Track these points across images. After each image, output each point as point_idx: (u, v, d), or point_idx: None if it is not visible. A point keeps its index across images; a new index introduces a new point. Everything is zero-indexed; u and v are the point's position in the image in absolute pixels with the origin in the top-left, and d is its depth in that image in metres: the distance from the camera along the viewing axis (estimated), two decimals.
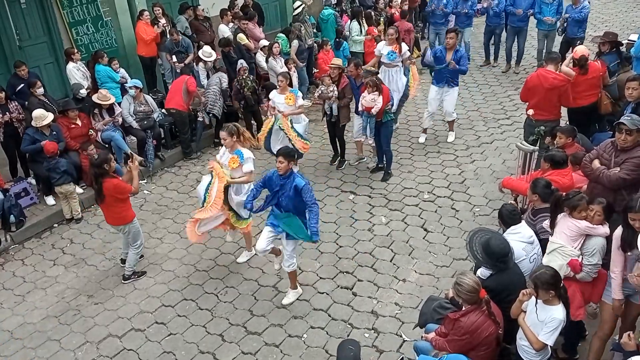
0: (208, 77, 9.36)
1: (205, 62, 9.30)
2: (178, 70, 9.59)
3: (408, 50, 8.82)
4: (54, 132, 7.40)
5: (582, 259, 4.32)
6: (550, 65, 6.85)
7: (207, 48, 9.32)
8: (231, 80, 9.26)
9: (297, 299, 5.74)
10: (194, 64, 9.62)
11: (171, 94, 8.87)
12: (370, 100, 7.33)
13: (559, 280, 3.78)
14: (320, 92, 7.94)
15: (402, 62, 8.59)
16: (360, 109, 7.61)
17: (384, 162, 8.01)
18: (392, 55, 8.39)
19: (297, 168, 6.53)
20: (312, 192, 5.28)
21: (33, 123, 7.23)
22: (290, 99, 7.53)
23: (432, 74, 8.69)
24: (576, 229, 4.33)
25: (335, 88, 7.82)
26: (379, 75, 7.94)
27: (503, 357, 4.20)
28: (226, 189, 5.81)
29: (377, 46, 8.78)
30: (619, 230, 4.10)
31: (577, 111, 7.14)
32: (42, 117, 7.23)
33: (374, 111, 7.34)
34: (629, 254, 4.07)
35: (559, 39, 11.01)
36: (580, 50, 7.00)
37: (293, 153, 5.50)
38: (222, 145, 8.12)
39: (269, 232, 5.51)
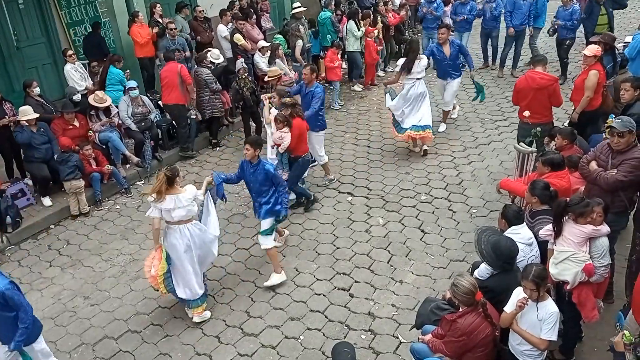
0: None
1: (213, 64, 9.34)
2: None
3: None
4: (42, 129, 7.47)
5: (593, 261, 4.32)
6: (538, 66, 6.86)
7: (215, 51, 9.45)
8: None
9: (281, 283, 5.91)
10: (195, 64, 9.55)
11: (167, 89, 8.69)
12: (278, 138, 6.86)
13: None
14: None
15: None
16: (270, 143, 7.25)
17: (303, 199, 7.41)
18: None
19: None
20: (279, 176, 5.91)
21: (18, 117, 7.36)
22: None
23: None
24: (583, 234, 4.32)
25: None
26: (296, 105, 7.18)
27: (500, 358, 4.20)
28: None
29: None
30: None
31: (584, 113, 6.94)
32: (25, 112, 7.31)
33: (281, 149, 6.88)
34: None
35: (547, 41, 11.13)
36: (593, 49, 6.92)
37: (260, 141, 5.91)
38: (218, 147, 8.16)
39: None
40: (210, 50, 9.47)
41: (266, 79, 8.63)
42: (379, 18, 11.67)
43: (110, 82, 8.86)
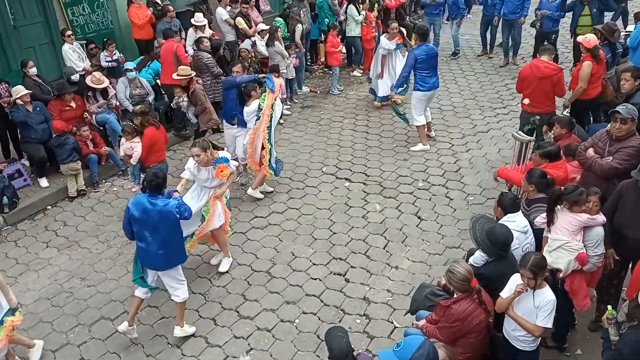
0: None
1: (196, 27, 9.42)
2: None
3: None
4: (38, 109, 7.44)
5: (587, 250, 4.34)
6: (544, 55, 6.83)
7: (199, 15, 9.53)
8: None
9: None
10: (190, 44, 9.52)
11: (164, 68, 8.80)
12: (128, 149, 6.72)
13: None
14: (175, 103, 8.05)
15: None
16: (121, 153, 7.14)
17: None
18: (399, 46, 9.38)
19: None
20: None
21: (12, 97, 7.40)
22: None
23: None
24: (577, 222, 4.33)
25: (185, 97, 7.86)
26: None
27: (493, 344, 4.24)
28: None
29: (382, 44, 9.32)
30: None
31: (581, 102, 6.98)
32: (17, 91, 7.34)
33: (132, 160, 6.77)
34: None
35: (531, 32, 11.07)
36: (591, 39, 6.85)
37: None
38: (220, 131, 7.83)
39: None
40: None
41: (174, 76, 7.95)
42: (375, 3, 11.58)
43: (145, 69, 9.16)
